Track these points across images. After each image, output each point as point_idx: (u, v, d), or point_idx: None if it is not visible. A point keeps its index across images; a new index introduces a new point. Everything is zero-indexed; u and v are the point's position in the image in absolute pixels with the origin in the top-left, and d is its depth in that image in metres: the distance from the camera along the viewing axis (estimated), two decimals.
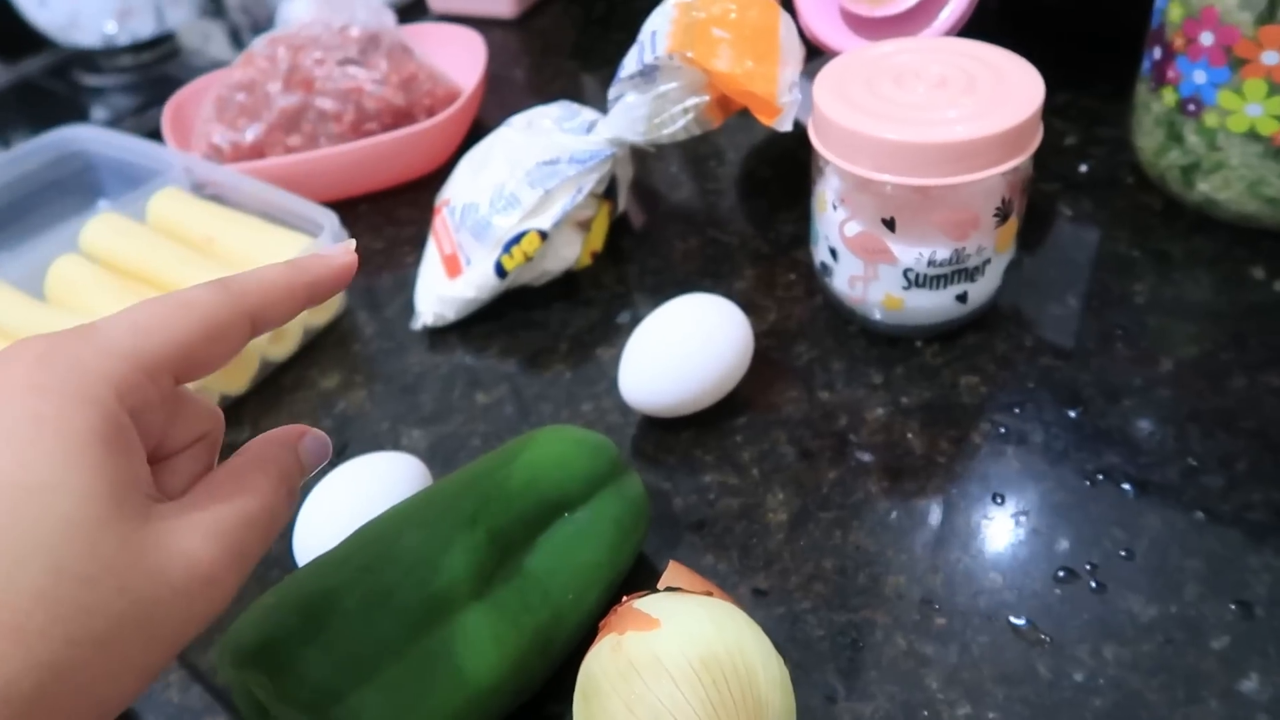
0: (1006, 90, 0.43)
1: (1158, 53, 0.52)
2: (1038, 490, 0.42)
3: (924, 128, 0.42)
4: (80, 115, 1.12)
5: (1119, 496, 0.41)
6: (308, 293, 0.28)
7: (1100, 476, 0.42)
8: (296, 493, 0.28)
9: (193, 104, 0.70)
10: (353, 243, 0.30)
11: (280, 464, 0.28)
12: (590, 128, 0.55)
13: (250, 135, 0.65)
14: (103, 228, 0.56)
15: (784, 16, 0.50)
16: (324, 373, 0.53)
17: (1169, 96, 0.51)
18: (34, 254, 0.55)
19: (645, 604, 0.33)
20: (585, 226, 0.56)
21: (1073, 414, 0.45)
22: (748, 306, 0.47)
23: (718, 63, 0.48)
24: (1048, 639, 0.36)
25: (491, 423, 0.49)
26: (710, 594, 0.34)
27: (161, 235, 0.56)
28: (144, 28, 1.16)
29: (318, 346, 0.55)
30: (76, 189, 0.66)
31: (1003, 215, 0.45)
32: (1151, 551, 0.39)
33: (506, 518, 0.36)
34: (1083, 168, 0.60)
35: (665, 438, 0.47)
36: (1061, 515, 0.41)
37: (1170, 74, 0.51)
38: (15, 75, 1.22)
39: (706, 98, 0.51)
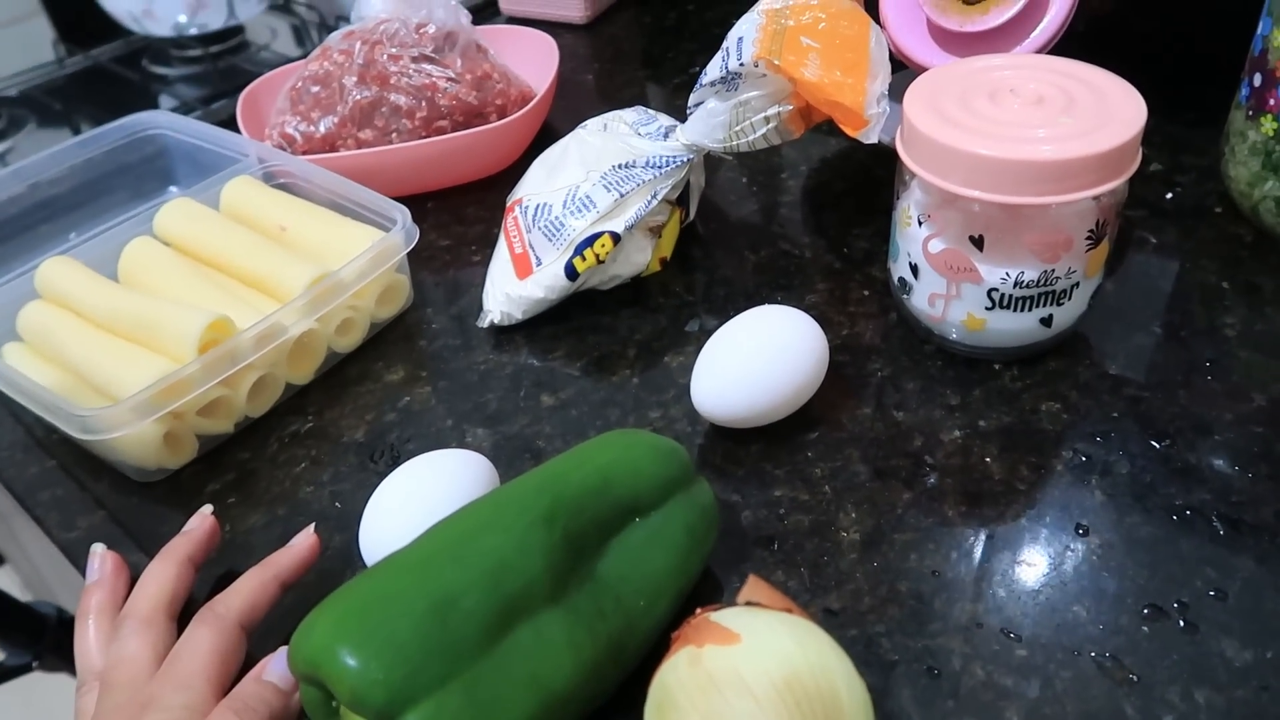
0: (1106, 111, 0.42)
1: (1258, 79, 0.50)
2: (1123, 523, 0.41)
3: (1018, 145, 0.41)
4: (149, 103, 1.13)
5: (1210, 534, 0.40)
6: (278, 584, 0.38)
7: (1189, 512, 0.41)
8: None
9: (266, 94, 0.71)
10: (311, 529, 0.41)
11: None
12: (667, 133, 0.55)
13: (323, 127, 0.65)
14: (177, 212, 0.56)
15: (874, 28, 0.50)
16: (389, 366, 0.53)
17: (1268, 125, 0.50)
18: (108, 236, 0.55)
19: (723, 617, 0.32)
20: (657, 232, 0.55)
21: (1159, 446, 0.44)
22: (819, 320, 0.46)
23: (805, 71, 0.47)
24: (1135, 678, 0.35)
25: (557, 425, 0.48)
26: (790, 611, 0.33)
27: (235, 222, 0.56)
28: (214, 20, 1.18)
29: (383, 339, 0.55)
30: (149, 174, 0.66)
31: (1095, 239, 0.44)
32: (1245, 593, 0.37)
33: (580, 520, 0.35)
34: (1169, 195, 0.58)
35: (734, 449, 0.46)
36: (1148, 550, 0.39)
37: (1271, 101, 0.49)
38: (87, 62, 1.24)
39: (790, 107, 0.50)
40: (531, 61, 0.72)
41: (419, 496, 0.39)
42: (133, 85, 1.18)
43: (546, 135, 0.65)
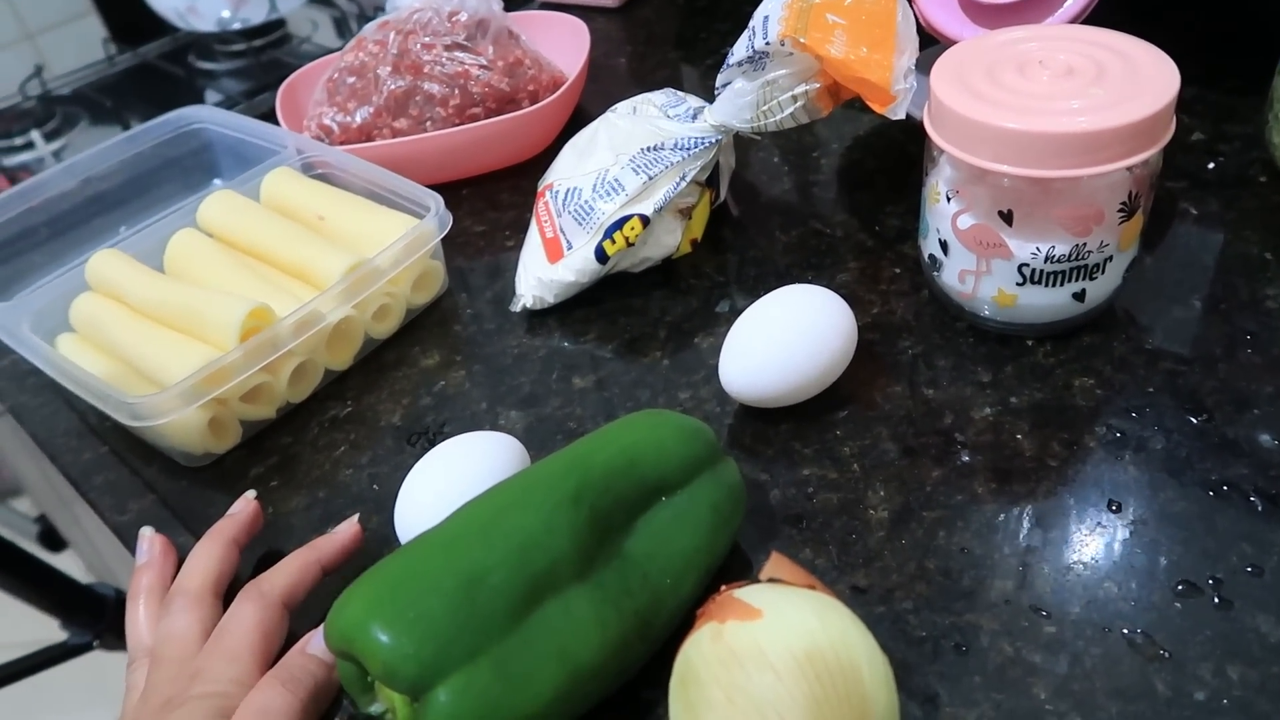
0: (1138, 81, 0.41)
1: None
2: (1157, 499, 0.40)
3: (1047, 117, 0.40)
4: (195, 98, 1.16)
5: (1247, 510, 0.39)
6: (319, 566, 0.40)
7: (1225, 488, 0.40)
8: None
9: (305, 87, 0.72)
10: (354, 519, 0.42)
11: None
12: (695, 114, 0.55)
13: (359, 118, 0.66)
14: (219, 204, 0.57)
15: (901, 3, 0.49)
16: (425, 351, 0.54)
17: None
18: (155, 228, 0.57)
19: (746, 594, 0.32)
20: (686, 214, 0.55)
21: (1196, 421, 0.43)
22: (850, 299, 0.46)
23: (831, 48, 0.47)
24: (1167, 654, 0.35)
25: (588, 407, 0.49)
26: (813, 587, 0.33)
27: (274, 213, 0.57)
28: (256, 14, 1.20)
29: (419, 325, 0.56)
30: (194, 167, 0.68)
31: (1128, 211, 0.43)
32: None
33: (607, 499, 0.35)
34: (1210, 165, 0.57)
35: (763, 429, 0.46)
36: (1183, 526, 0.39)
37: None
38: (136, 60, 1.27)
39: (817, 85, 0.50)
40: (563, 47, 0.73)
41: (450, 478, 0.40)
42: (179, 81, 1.21)
43: (579, 120, 0.66)
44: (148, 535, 0.43)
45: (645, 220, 0.52)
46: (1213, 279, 0.50)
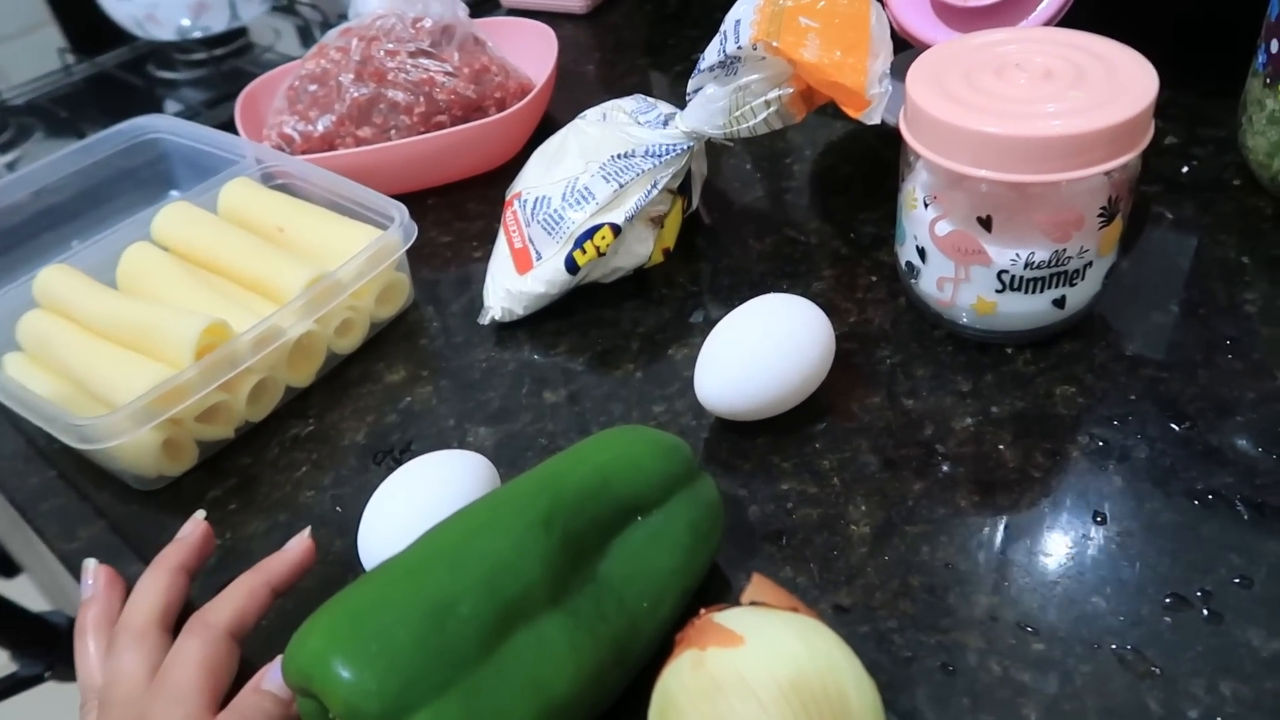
0: (1117, 84, 0.41)
1: (1275, 45, 0.48)
2: (1142, 510, 0.39)
3: (1025, 121, 0.40)
4: (154, 107, 1.13)
5: (1233, 519, 0.38)
6: (269, 590, 0.37)
7: (1211, 497, 0.39)
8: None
9: (265, 95, 0.70)
10: (306, 533, 0.39)
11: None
12: (667, 121, 0.53)
13: (321, 126, 0.64)
14: (174, 216, 0.55)
15: (875, 6, 0.48)
16: (390, 367, 0.52)
17: None
18: (107, 241, 0.55)
19: (727, 618, 0.31)
20: (658, 223, 0.54)
21: (1179, 429, 0.42)
22: (826, 308, 0.45)
23: (805, 52, 0.46)
24: (1158, 671, 0.34)
25: (560, 422, 0.47)
26: (796, 610, 0.32)
27: (232, 225, 0.55)
28: (217, 22, 1.17)
29: (384, 340, 0.54)
30: (150, 178, 0.66)
31: (1108, 216, 0.42)
32: (1271, 580, 0.36)
33: (580, 521, 0.34)
34: (1185, 169, 0.56)
35: (740, 443, 0.45)
36: (1169, 537, 0.38)
37: None
38: (93, 69, 1.24)
39: (790, 90, 0.49)
40: (530, 53, 0.71)
41: (416, 500, 0.38)
42: (138, 91, 1.18)
43: (547, 127, 0.64)
44: (91, 567, 0.41)
45: (616, 229, 0.51)
46: (1190, 284, 0.50)
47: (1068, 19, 0.52)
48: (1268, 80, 0.49)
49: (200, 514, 0.42)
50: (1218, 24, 0.63)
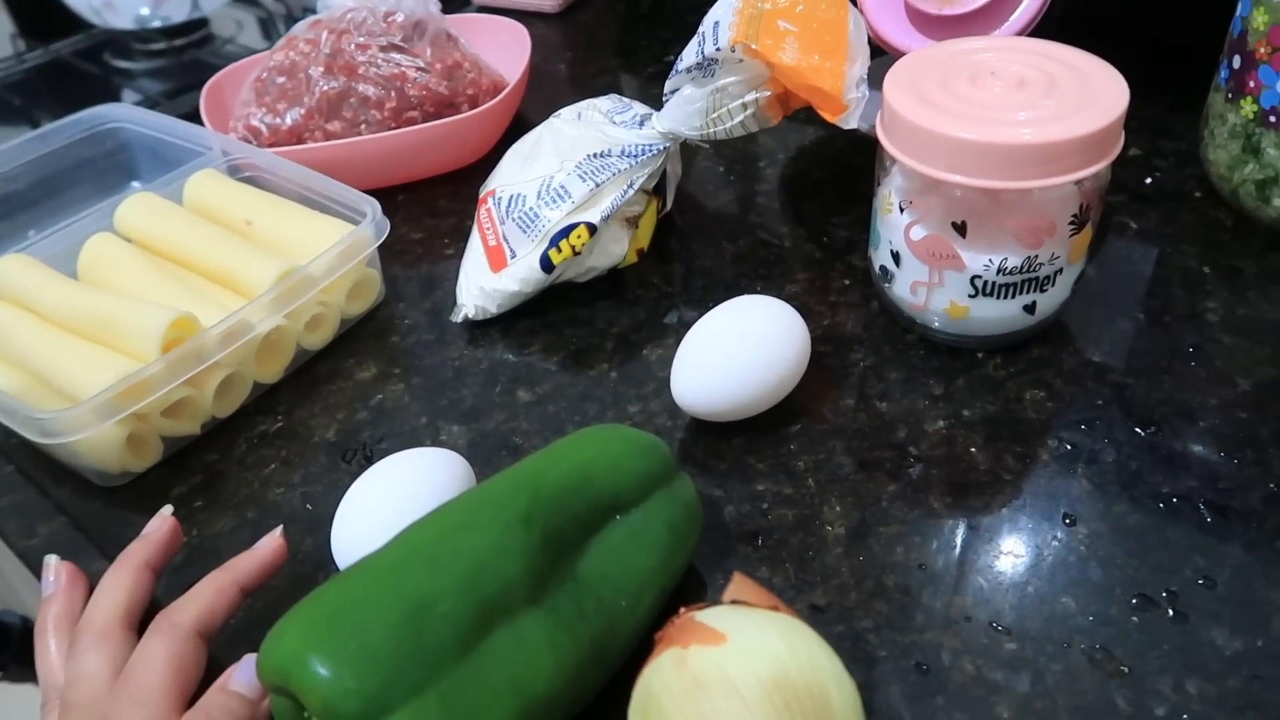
0: (1088, 93, 0.41)
1: (1237, 61, 0.50)
2: (1110, 512, 0.40)
3: (1000, 128, 0.40)
4: (111, 97, 1.11)
5: (1198, 522, 0.39)
6: (238, 589, 0.36)
7: (1176, 500, 0.40)
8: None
9: (231, 87, 0.69)
10: (277, 532, 0.39)
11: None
12: (643, 121, 0.53)
13: (290, 119, 0.63)
14: (138, 207, 0.54)
15: (853, 11, 0.49)
16: (360, 363, 0.52)
17: (1248, 107, 0.49)
18: (67, 232, 0.53)
19: (708, 616, 0.31)
20: (633, 223, 0.54)
21: (1144, 433, 0.43)
22: (800, 310, 0.45)
23: (783, 55, 0.46)
24: (1127, 669, 0.34)
25: (534, 421, 0.47)
26: (777, 609, 0.32)
27: (199, 217, 0.54)
28: (178, 12, 1.15)
29: (354, 336, 0.53)
30: (110, 168, 0.64)
31: (1079, 224, 0.43)
32: (1234, 581, 0.37)
33: (560, 519, 0.34)
34: (1148, 180, 0.58)
35: (715, 443, 0.45)
36: (1136, 539, 0.39)
37: (1251, 84, 0.49)
38: (47, 57, 1.21)
39: (767, 93, 0.49)
40: (503, 51, 0.71)
41: (392, 497, 0.38)
42: (94, 79, 1.15)
43: (519, 126, 0.64)
44: (53, 564, 0.40)
45: (592, 228, 0.50)
46: (1154, 292, 0.51)
47: (1037, 30, 0.53)
48: (1229, 95, 0.51)
49: (167, 510, 0.41)
50: (1181, 39, 0.65)
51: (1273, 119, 0.48)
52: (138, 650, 0.34)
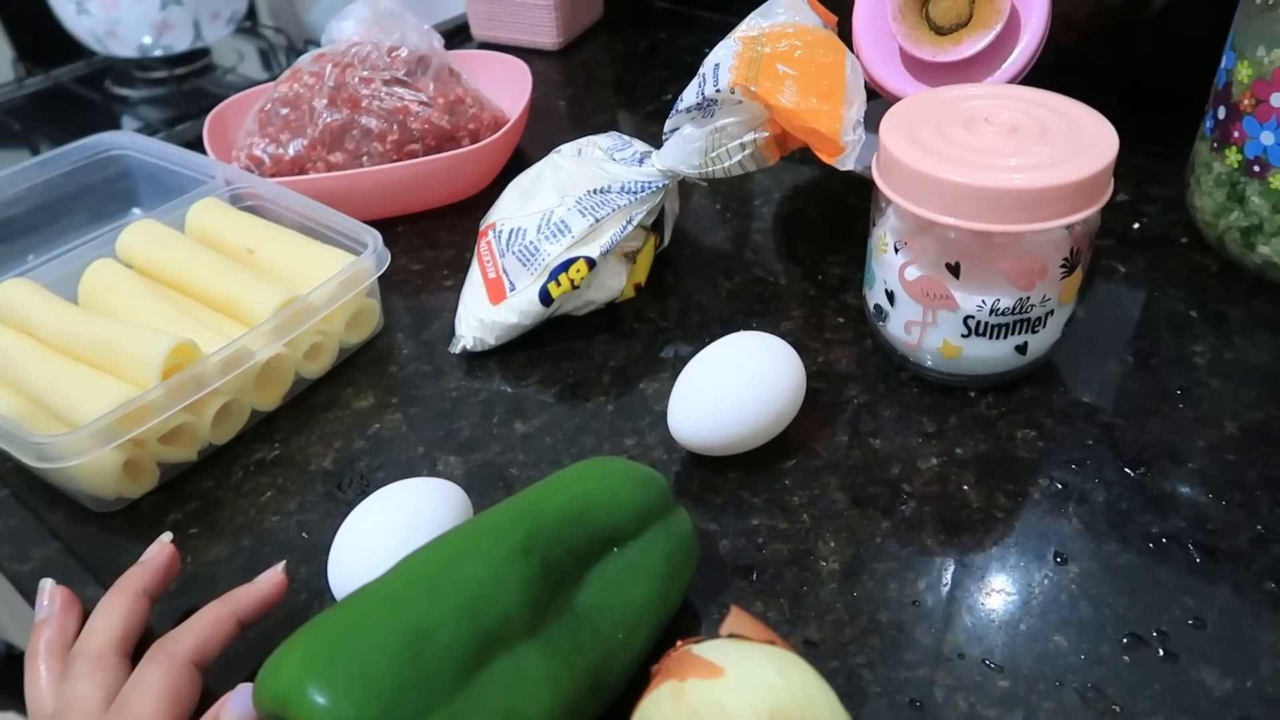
0: (1079, 141, 0.43)
1: (1222, 112, 0.51)
2: (1101, 551, 0.41)
3: (994, 173, 0.41)
4: (111, 124, 1.12)
5: (1186, 563, 0.40)
6: (235, 621, 0.36)
7: (1165, 541, 0.41)
8: None
9: (234, 116, 0.70)
10: (280, 567, 0.39)
11: None
12: (643, 159, 0.54)
13: (292, 150, 0.64)
14: (140, 234, 0.55)
15: (850, 57, 0.50)
16: (358, 393, 0.52)
17: (1232, 157, 0.51)
18: (68, 257, 0.54)
19: (705, 650, 0.31)
20: (631, 258, 0.55)
21: (1134, 474, 0.44)
22: (795, 348, 0.46)
23: (782, 98, 0.47)
24: (1119, 709, 0.35)
25: (531, 453, 0.47)
26: (774, 643, 0.32)
27: (201, 244, 0.55)
28: (180, 42, 1.16)
29: (352, 365, 0.54)
30: (111, 195, 0.65)
31: (1070, 267, 0.44)
32: (1223, 621, 0.37)
33: (558, 550, 0.34)
34: (1136, 225, 0.59)
35: (711, 477, 0.45)
36: (1127, 578, 0.39)
37: (1235, 134, 0.50)
38: (47, 82, 1.22)
39: (765, 134, 0.50)
40: (504, 86, 0.72)
41: (390, 527, 0.38)
42: (95, 106, 1.16)
43: (519, 161, 0.65)
44: (47, 588, 0.39)
45: (591, 263, 0.51)
46: (1142, 335, 0.52)
47: (1028, 78, 0.54)
48: (1214, 145, 0.52)
49: (167, 537, 0.40)
50: (1168, 89, 0.67)
51: (1256, 168, 0.49)
52: (132, 678, 0.34)
